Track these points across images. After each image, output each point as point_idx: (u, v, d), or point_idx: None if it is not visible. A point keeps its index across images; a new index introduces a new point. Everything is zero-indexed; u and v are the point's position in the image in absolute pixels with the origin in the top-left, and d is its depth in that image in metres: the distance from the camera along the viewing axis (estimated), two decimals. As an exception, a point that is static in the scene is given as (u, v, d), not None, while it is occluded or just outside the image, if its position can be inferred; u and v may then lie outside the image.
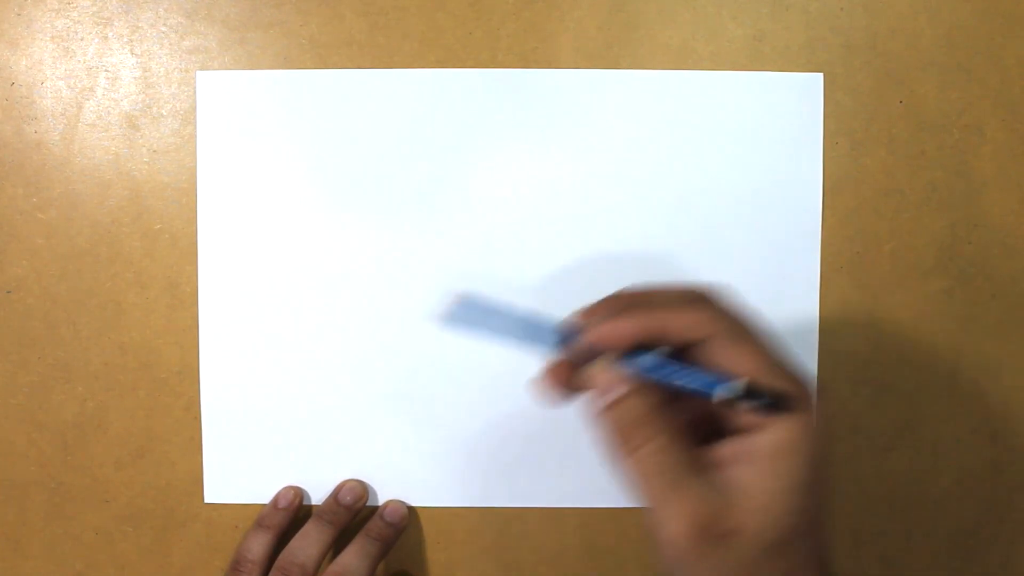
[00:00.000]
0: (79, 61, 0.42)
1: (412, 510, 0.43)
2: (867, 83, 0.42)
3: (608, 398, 0.29)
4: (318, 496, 0.43)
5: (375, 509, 0.43)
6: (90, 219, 0.42)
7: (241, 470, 0.43)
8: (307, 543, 0.40)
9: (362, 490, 0.42)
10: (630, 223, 0.42)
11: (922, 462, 0.43)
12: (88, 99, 0.42)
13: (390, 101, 0.42)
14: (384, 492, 0.43)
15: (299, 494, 0.43)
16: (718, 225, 0.42)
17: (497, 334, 0.31)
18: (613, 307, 0.30)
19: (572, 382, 0.31)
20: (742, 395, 0.28)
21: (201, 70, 0.42)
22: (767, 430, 0.28)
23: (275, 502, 0.42)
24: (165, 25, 0.42)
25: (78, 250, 0.42)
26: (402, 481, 0.43)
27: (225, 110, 0.42)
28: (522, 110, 0.42)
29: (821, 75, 0.42)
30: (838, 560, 0.33)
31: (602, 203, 0.42)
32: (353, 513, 0.42)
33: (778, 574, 0.28)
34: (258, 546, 0.41)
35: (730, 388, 0.28)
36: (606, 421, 0.29)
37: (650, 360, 0.29)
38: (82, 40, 0.42)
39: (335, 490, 0.42)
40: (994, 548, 0.44)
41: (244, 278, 0.42)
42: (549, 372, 0.31)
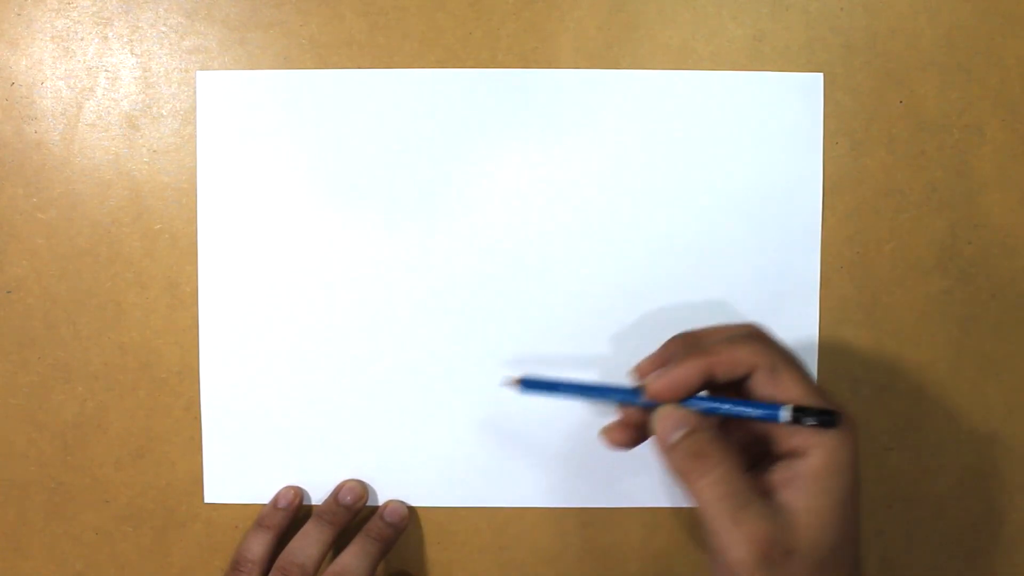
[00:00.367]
0: (79, 61, 0.42)
1: (412, 510, 0.43)
2: (867, 83, 0.42)
3: (672, 437, 0.32)
4: (318, 496, 0.43)
5: (375, 509, 0.43)
6: (90, 219, 0.42)
7: (241, 470, 0.43)
8: (307, 543, 0.40)
9: (362, 490, 0.42)
10: (630, 223, 0.42)
11: (922, 462, 0.43)
12: (88, 99, 0.42)
13: (390, 101, 0.42)
14: (384, 492, 0.43)
15: (299, 494, 0.43)
16: (718, 225, 0.42)
17: (565, 398, 0.38)
18: (666, 357, 0.34)
19: (637, 432, 0.35)
20: (793, 417, 0.31)
21: (201, 70, 0.42)
22: (811, 454, 0.31)
23: (275, 502, 0.42)
24: (165, 25, 0.42)
25: (78, 250, 0.42)
26: (402, 481, 0.43)
27: (225, 110, 0.42)
28: (522, 110, 0.42)
29: (821, 75, 0.42)
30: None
31: (602, 203, 0.42)
32: (353, 513, 0.42)
33: None
34: (258, 546, 0.41)
35: (791, 411, 0.31)
36: (673, 458, 0.32)
37: (705, 401, 0.33)
38: (82, 40, 0.42)
39: (335, 490, 0.42)
40: (994, 548, 0.44)
41: (244, 278, 0.42)
42: (617, 427, 0.35)
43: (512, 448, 0.43)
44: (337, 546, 0.42)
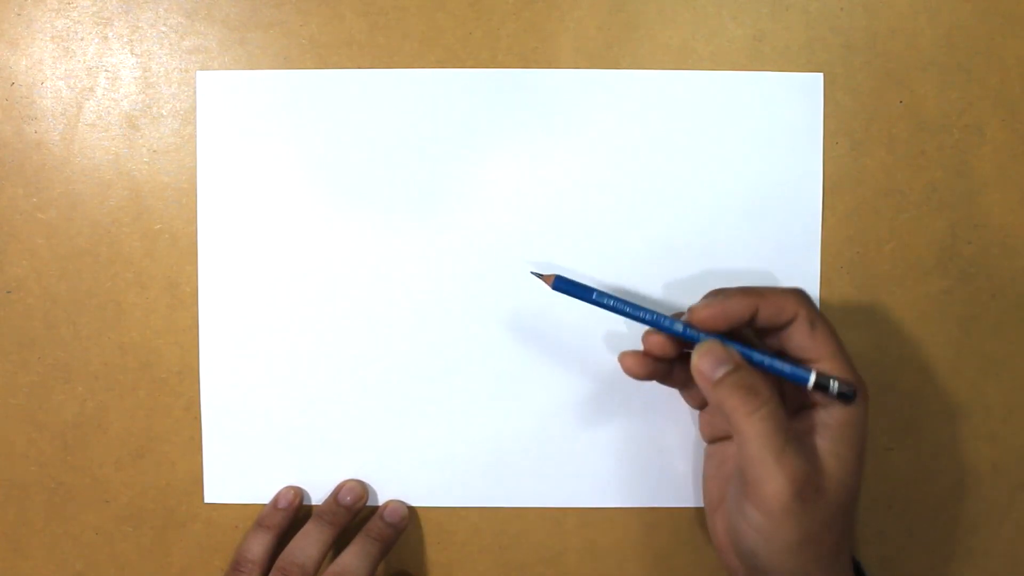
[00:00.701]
0: (79, 61, 0.42)
1: (412, 510, 0.43)
2: (867, 83, 0.42)
3: (718, 372, 0.34)
4: (318, 496, 0.43)
5: (375, 509, 0.43)
6: (90, 219, 0.42)
7: (241, 470, 0.43)
8: (307, 543, 0.40)
9: (362, 490, 0.42)
10: (630, 223, 0.42)
11: (922, 462, 0.43)
12: (88, 99, 0.42)
13: (390, 101, 0.42)
14: (384, 492, 0.43)
15: (299, 494, 0.43)
16: (718, 225, 0.42)
17: (597, 305, 0.37)
18: (719, 292, 0.36)
19: (656, 366, 0.37)
20: (821, 384, 0.34)
21: (201, 70, 0.42)
22: (835, 407, 0.34)
23: (275, 502, 0.42)
24: (165, 25, 0.42)
25: (78, 250, 0.42)
26: (402, 481, 0.43)
27: (225, 110, 0.42)
28: (522, 110, 0.42)
29: (821, 75, 0.42)
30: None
31: (602, 203, 0.42)
32: (353, 513, 0.42)
33: (839, 530, 0.34)
34: (258, 546, 0.41)
35: (816, 378, 0.34)
36: (719, 391, 0.34)
37: (741, 348, 0.35)
38: (82, 40, 0.42)
39: (335, 490, 0.42)
40: (994, 548, 0.44)
41: (244, 278, 0.42)
42: (638, 355, 0.37)
43: (512, 448, 0.43)
44: (337, 546, 0.42)
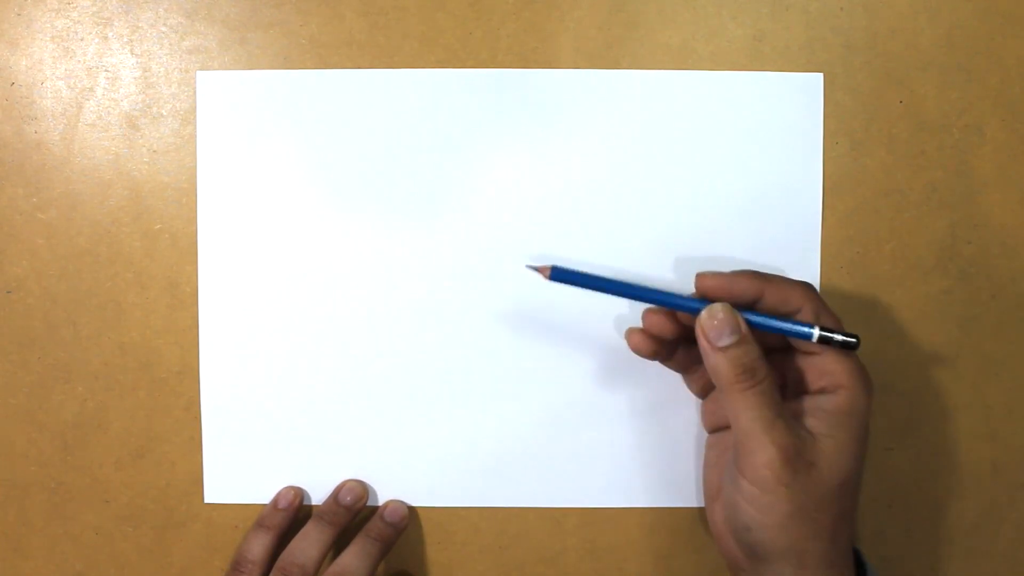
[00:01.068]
0: (79, 61, 0.42)
1: (412, 510, 0.43)
2: (867, 83, 0.42)
3: (728, 339, 0.34)
4: (318, 496, 0.43)
5: (375, 509, 0.43)
6: (90, 219, 0.42)
7: (241, 470, 0.43)
8: (307, 544, 0.40)
9: (362, 490, 0.42)
10: (630, 223, 0.42)
11: (922, 462, 0.43)
12: (88, 99, 0.42)
13: (390, 101, 0.42)
14: (384, 492, 0.43)
15: (299, 494, 0.43)
16: (718, 225, 0.42)
17: (597, 291, 0.37)
18: (724, 273, 0.36)
19: (659, 345, 0.37)
20: (824, 338, 0.35)
21: (201, 70, 0.42)
22: (836, 394, 0.35)
23: (275, 502, 0.42)
24: (165, 25, 0.42)
25: (78, 250, 0.42)
26: (402, 481, 0.43)
27: (225, 110, 0.42)
28: (522, 110, 0.42)
29: (821, 75, 0.42)
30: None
31: (602, 203, 0.42)
32: (353, 514, 0.42)
33: (835, 512, 0.34)
34: (258, 547, 0.41)
35: (822, 330, 0.35)
36: (719, 361, 0.34)
37: (753, 315, 0.35)
38: (82, 40, 0.42)
39: (335, 491, 0.42)
40: (994, 548, 0.44)
41: (244, 278, 0.42)
42: (641, 332, 0.37)
43: (512, 448, 0.43)
44: (337, 546, 0.42)
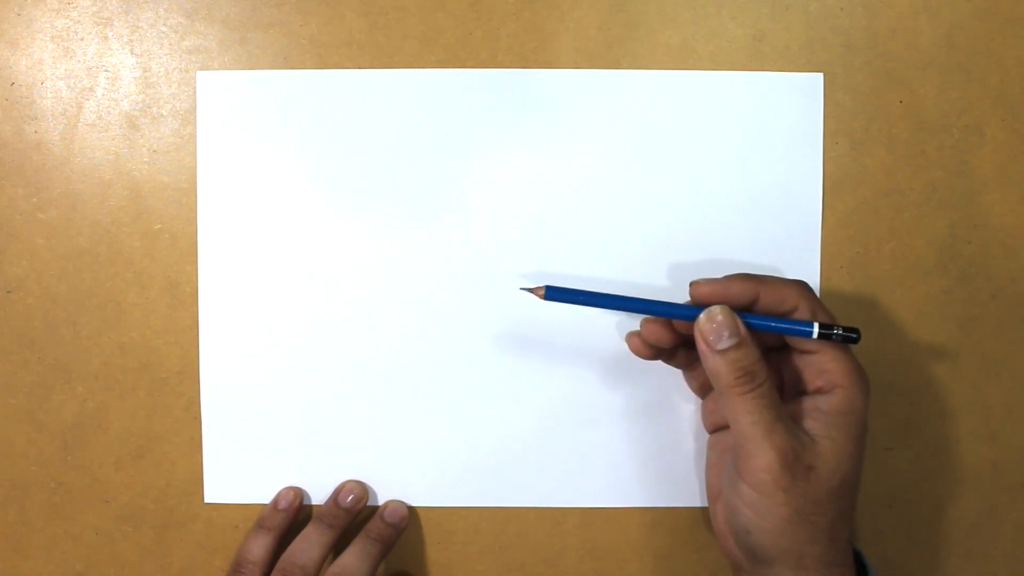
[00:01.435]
0: (79, 61, 0.42)
1: (412, 510, 0.43)
2: (867, 83, 0.42)
3: (726, 342, 0.34)
4: (318, 496, 0.43)
5: (375, 509, 0.43)
6: (90, 219, 0.42)
7: (241, 470, 0.43)
8: (308, 545, 0.40)
9: (362, 491, 0.42)
10: (630, 223, 0.42)
11: (922, 462, 0.43)
12: (88, 99, 0.42)
13: (390, 101, 0.42)
14: (384, 492, 0.43)
15: (299, 495, 0.42)
16: (718, 225, 0.42)
17: (593, 307, 0.37)
18: (717, 279, 0.36)
19: (656, 351, 0.38)
20: (824, 334, 0.35)
21: (201, 70, 0.42)
22: (834, 394, 0.35)
23: (275, 503, 0.42)
24: (165, 25, 0.42)
25: (78, 250, 0.42)
26: (402, 481, 0.43)
27: (225, 110, 0.42)
28: (522, 110, 0.42)
29: (821, 75, 0.42)
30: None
31: (602, 203, 0.42)
32: (353, 515, 0.42)
33: (833, 514, 0.34)
34: (259, 548, 0.41)
35: (821, 326, 0.35)
36: (723, 360, 0.34)
37: (751, 316, 0.35)
38: (82, 40, 0.42)
39: (335, 492, 0.42)
40: (994, 548, 0.44)
41: (244, 278, 0.42)
42: (639, 337, 0.38)
43: (512, 448, 0.43)
44: (337, 547, 0.42)
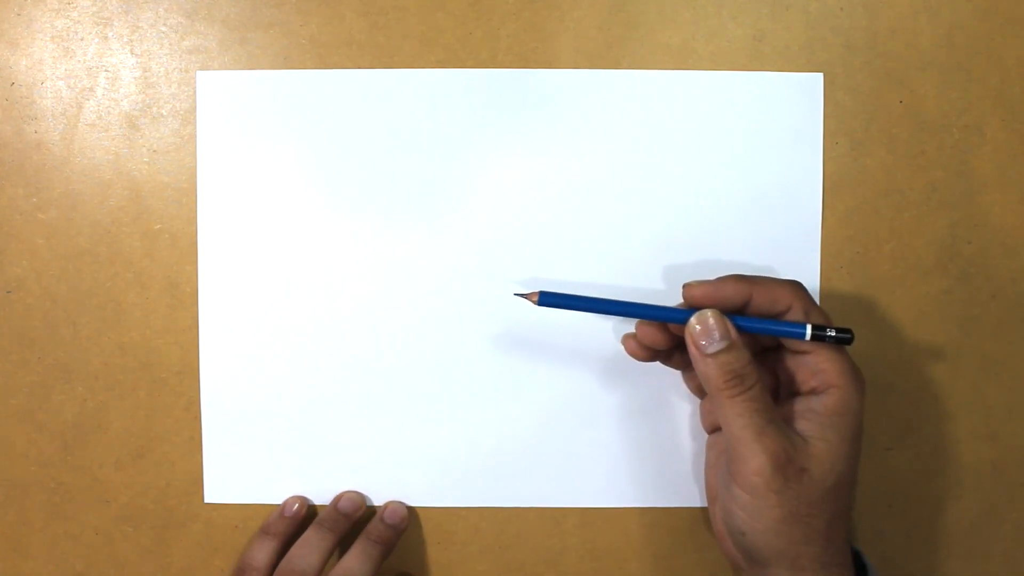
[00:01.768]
0: (79, 61, 0.42)
1: (412, 510, 0.43)
2: (867, 83, 0.42)
3: (716, 345, 0.34)
4: (318, 496, 0.43)
5: (375, 511, 0.43)
6: (90, 219, 0.42)
7: (241, 470, 0.43)
8: (308, 551, 0.40)
9: (360, 500, 0.43)
10: (630, 223, 0.42)
11: (922, 462, 0.43)
12: (88, 99, 0.42)
13: (390, 101, 0.42)
14: (384, 492, 0.43)
15: (304, 504, 0.42)
16: (718, 225, 0.42)
17: (586, 311, 0.37)
18: (710, 281, 0.36)
19: (652, 352, 0.38)
20: (817, 336, 0.35)
21: (201, 70, 0.42)
22: (827, 394, 0.35)
23: (281, 510, 0.42)
24: (165, 25, 0.42)
25: (78, 250, 0.42)
26: (402, 481, 0.43)
27: (225, 110, 0.42)
28: (522, 110, 0.42)
29: (821, 75, 0.42)
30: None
31: (602, 203, 0.42)
32: (353, 520, 0.42)
33: (829, 514, 0.34)
34: (261, 553, 0.40)
35: (814, 327, 0.35)
36: (709, 367, 0.34)
37: (743, 319, 0.35)
38: (82, 40, 0.42)
39: (334, 499, 0.42)
40: (994, 548, 0.44)
41: (244, 278, 0.42)
42: (635, 339, 0.37)
43: (512, 448, 0.43)
44: (339, 550, 0.42)
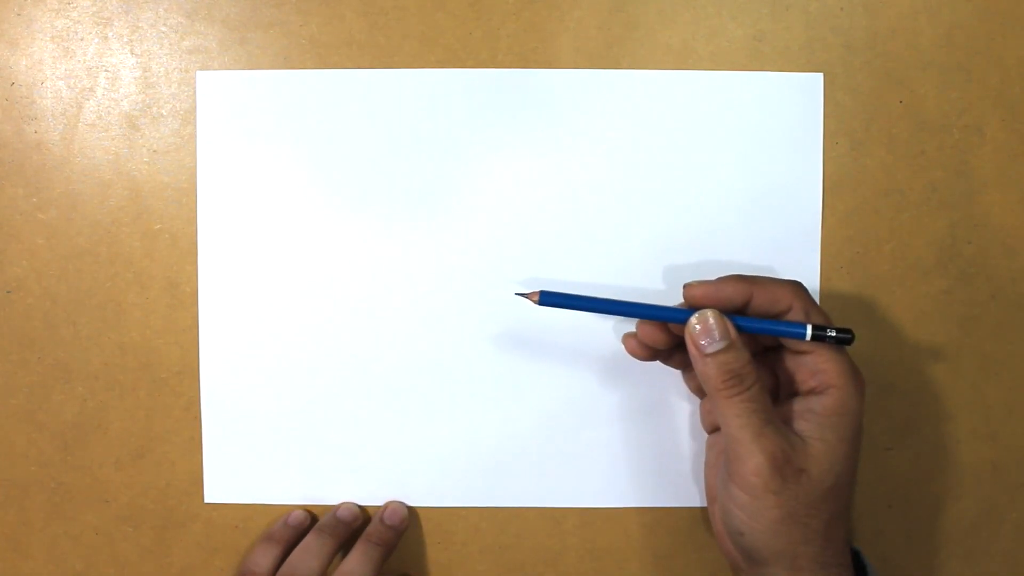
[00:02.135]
0: (79, 61, 0.42)
1: (412, 510, 0.43)
2: (867, 83, 0.42)
3: (716, 345, 0.34)
4: (317, 496, 0.43)
5: (376, 510, 0.43)
6: (90, 219, 0.42)
7: (241, 470, 0.43)
8: (308, 556, 0.40)
9: (359, 510, 0.43)
10: (630, 223, 0.42)
11: (922, 462, 0.43)
12: (88, 99, 0.42)
13: (390, 101, 0.42)
14: (384, 492, 0.43)
15: (309, 517, 0.43)
16: (718, 225, 0.42)
17: (587, 311, 0.37)
18: (710, 281, 0.36)
19: (652, 352, 0.38)
20: (818, 336, 0.35)
21: (201, 70, 0.42)
22: (826, 395, 0.35)
23: (285, 519, 0.42)
24: (165, 25, 0.42)
25: (78, 250, 0.42)
26: (402, 481, 0.43)
27: (225, 110, 0.42)
28: (522, 110, 0.42)
29: (821, 75, 0.42)
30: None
31: (602, 203, 0.42)
32: (352, 529, 0.42)
33: (827, 515, 0.34)
34: (265, 559, 0.40)
35: (815, 328, 0.35)
36: (708, 367, 0.35)
37: (743, 319, 0.35)
38: (82, 40, 0.42)
39: (334, 509, 0.42)
40: (994, 548, 0.44)
41: (244, 278, 0.42)
42: (636, 339, 0.38)
43: (512, 448, 0.43)
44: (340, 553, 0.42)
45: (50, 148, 0.42)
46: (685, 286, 0.36)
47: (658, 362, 0.39)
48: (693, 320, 0.35)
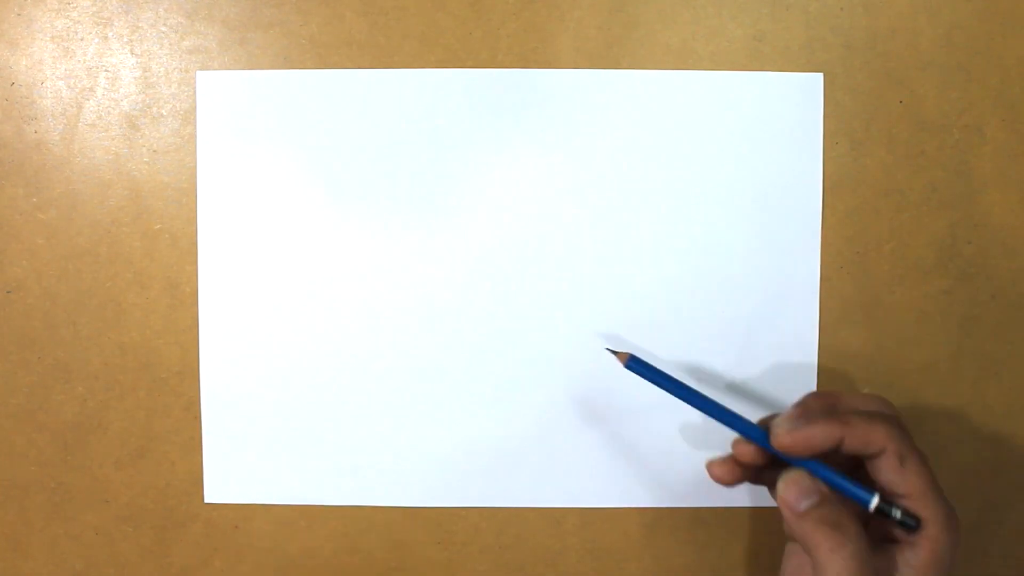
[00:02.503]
0: (79, 61, 0.42)
1: (412, 510, 0.43)
2: (867, 83, 0.42)
3: (803, 505, 0.34)
4: (317, 496, 0.43)
5: (373, 507, 0.43)
6: (90, 219, 0.42)
7: (241, 470, 0.43)
8: None
9: None
10: (630, 223, 0.42)
11: (922, 462, 0.43)
12: (88, 99, 0.42)
13: (390, 101, 0.42)
14: (384, 492, 0.43)
15: None
16: (718, 225, 0.42)
17: (672, 394, 0.37)
18: (803, 414, 0.35)
19: (745, 472, 0.36)
20: (883, 510, 0.34)
21: (201, 70, 0.42)
22: (920, 545, 0.34)
23: None
24: (165, 25, 0.42)
25: (78, 250, 0.42)
26: (402, 481, 0.43)
27: (225, 110, 0.42)
28: (522, 110, 0.42)
29: (821, 75, 0.42)
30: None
31: (602, 203, 0.42)
32: None
33: None
34: None
35: (880, 503, 0.34)
36: (803, 524, 0.34)
37: (813, 466, 0.35)
38: (82, 40, 0.42)
39: None
40: (994, 548, 0.44)
41: (244, 278, 0.42)
42: (728, 463, 0.36)
43: (512, 448, 0.43)
44: None
45: (50, 148, 0.42)
46: (774, 434, 0.35)
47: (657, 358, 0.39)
48: (781, 485, 0.34)
